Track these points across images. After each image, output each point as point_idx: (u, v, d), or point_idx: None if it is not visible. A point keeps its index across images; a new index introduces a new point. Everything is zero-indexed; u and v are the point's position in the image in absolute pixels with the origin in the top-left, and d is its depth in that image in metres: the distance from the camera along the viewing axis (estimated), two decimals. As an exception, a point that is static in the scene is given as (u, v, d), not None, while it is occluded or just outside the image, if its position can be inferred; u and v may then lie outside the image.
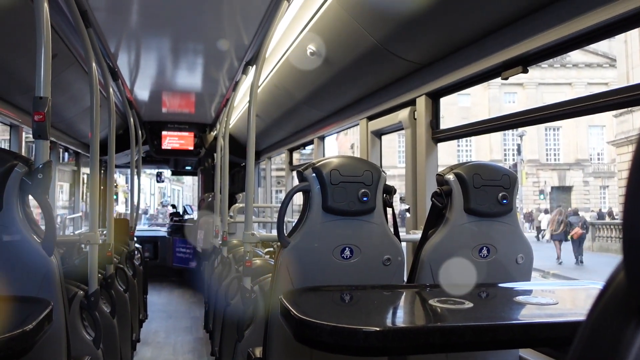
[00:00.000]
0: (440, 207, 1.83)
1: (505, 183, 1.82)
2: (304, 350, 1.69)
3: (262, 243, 4.18)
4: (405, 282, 1.91)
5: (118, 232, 3.71)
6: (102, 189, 6.47)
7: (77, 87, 3.79)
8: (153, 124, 6.91)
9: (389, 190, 1.85)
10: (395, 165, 25.02)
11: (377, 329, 1.11)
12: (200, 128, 7.04)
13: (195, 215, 8.99)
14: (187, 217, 9.52)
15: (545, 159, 33.15)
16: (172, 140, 7.03)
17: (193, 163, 9.30)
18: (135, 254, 4.86)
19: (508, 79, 2.09)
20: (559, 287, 2.31)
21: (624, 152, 22.42)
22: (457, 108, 29.04)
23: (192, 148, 7.08)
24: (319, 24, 2.65)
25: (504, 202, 1.80)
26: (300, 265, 1.74)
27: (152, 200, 32.39)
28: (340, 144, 29.24)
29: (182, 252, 8.41)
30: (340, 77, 3.05)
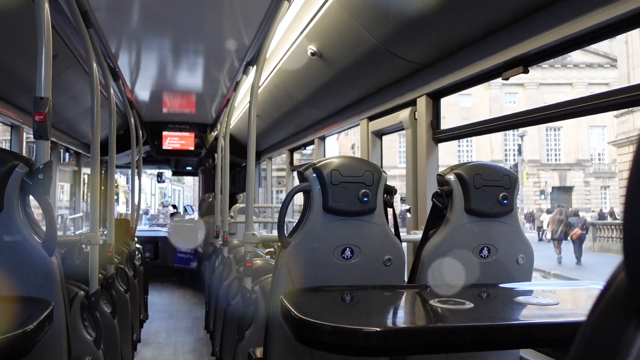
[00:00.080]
0: (441, 207, 1.83)
1: (506, 183, 1.82)
2: (305, 351, 1.69)
3: (262, 243, 4.18)
4: (406, 282, 1.91)
5: (119, 232, 3.71)
6: (102, 189, 6.48)
7: (77, 87, 3.79)
8: (154, 124, 6.91)
9: (390, 191, 1.85)
10: (396, 166, 25.02)
11: (377, 329, 1.12)
12: (201, 128, 7.04)
13: (196, 216, 9.00)
14: (187, 217, 9.53)
15: (546, 159, 33.15)
16: (172, 141, 7.03)
17: (194, 163, 9.31)
18: (136, 254, 4.86)
19: (509, 79, 2.09)
20: (560, 287, 2.30)
21: (625, 152, 22.42)
22: (457, 108, 29.05)
23: (192, 148, 7.08)
24: (320, 24, 2.65)
25: (505, 202, 1.80)
26: (301, 266, 1.74)
27: (152, 201, 32.40)
28: (341, 144, 29.23)
29: (182, 252, 8.42)
30: (341, 77, 3.05)
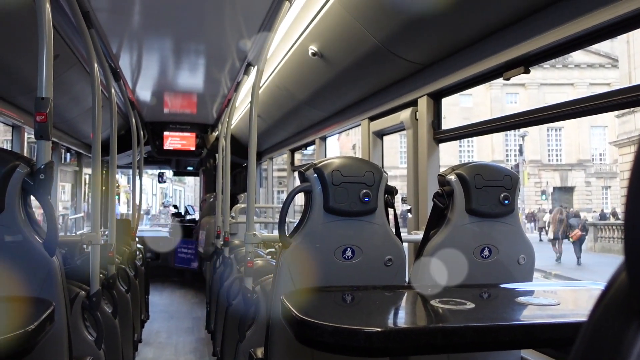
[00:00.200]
0: (442, 207, 1.83)
1: (507, 183, 1.82)
2: (306, 351, 1.69)
3: (263, 243, 4.17)
4: (407, 282, 1.91)
5: (120, 232, 3.71)
6: (103, 190, 6.48)
7: (79, 87, 3.79)
8: (155, 125, 6.91)
9: (391, 191, 1.85)
10: (397, 166, 25.05)
11: (378, 330, 1.11)
12: (202, 128, 7.04)
13: (197, 216, 9.00)
14: (188, 217, 9.54)
15: (547, 160, 33.13)
16: (173, 141, 7.03)
17: (195, 163, 9.31)
18: (137, 255, 4.87)
19: (510, 80, 2.09)
20: (561, 287, 2.30)
21: (626, 152, 22.40)
22: (458, 108, 29.04)
23: (193, 148, 7.08)
24: (321, 25, 2.65)
25: (506, 202, 1.80)
26: (302, 266, 1.74)
27: (154, 201, 32.42)
28: (342, 145, 29.24)
29: (183, 252, 8.42)
30: (342, 77, 3.05)
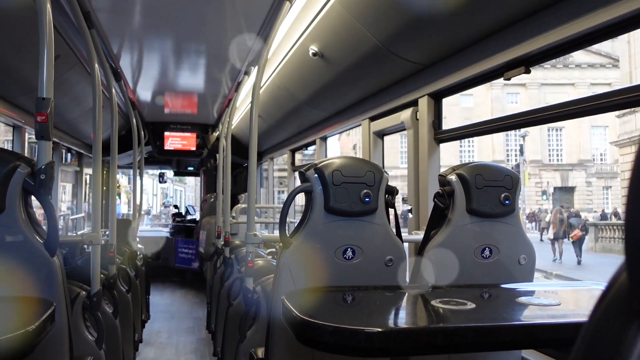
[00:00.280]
0: (443, 207, 1.83)
1: (508, 184, 1.82)
2: (306, 351, 1.69)
3: (264, 244, 4.18)
4: (408, 283, 1.91)
5: (120, 232, 3.72)
6: (104, 190, 6.48)
7: (79, 87, 3.80)
8: (155, 125, 6.91)
9: (391, 191, 1.85)
10: (398, 166, 25.05)
11: (379, 330, 1.11)
12: (203, 129, 7.04)
13: (198, 216, 9.00)
14: (189, 217, 9.54)
15: (548, 160, 33.11)
16: (174, 141, 7.03)
17: (195, 164, 9.31)
18: (138, 255, 4.87)
19: (510, 80, 2.09)
20: (562, 287, 2.30)
21: (627, 152, 22.39)
22: (459, 108, 29.03)
23: (194, 149, 7.08)
24: (321, 25, 2.65)
25: (507, 202, 1.80)
26: (303, 266, 1.74)
27: (154, 201, 32.43)
28: (343, 145, 29.23)
29: (184, 252, 8.42)
30: (343, 77, 3.05)
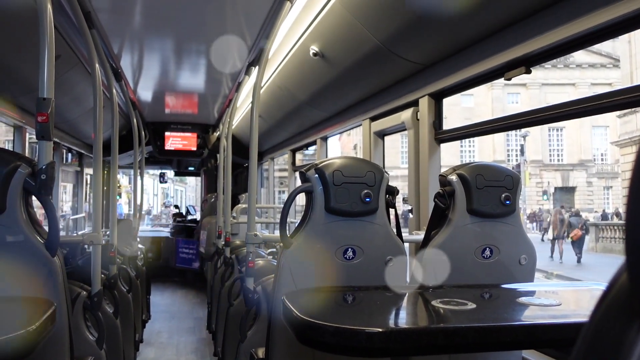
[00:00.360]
0: (443, 207, 1.83)
1: (508, 184, 1.81)
2: (307, 351, 1.69)
3: (264, 244, 4.17)
4: (408, 283, 1.91)
5: (121, 232, 3.72)
6: (105, 190, 6.48)
7: (80, 88, 3.80)
8: (156, 125, 6.91)
9: (392, 191, 1.85)
10: (398, 166, 25.05)
11: (379, 330, 1.11)
12: (203, 129, 7.04)
13: (198, 216, 9.01)
14: (189, 217, 9.54)
15: (549, 160, 33.09)
16: (175, 141, 7.03)
17: (196, 164, 9.31)
18: (139, 255, 4.87)
19: (511, 80, 2.09)
20: (562, 288, 2.30)
21: (628, 152, 22.39)
22: (460, 108, 29.01)
23: (195, 149, 7.08)
24: (322, 25, 2.65)
25: (507, 202, 1.80)
26: (303, 266, 1.74)
27: (155, 201, 32.44)
28: (343, 145, 29.24)
29: (185, 252, 8.43)
30: (343, 77, 3.05)
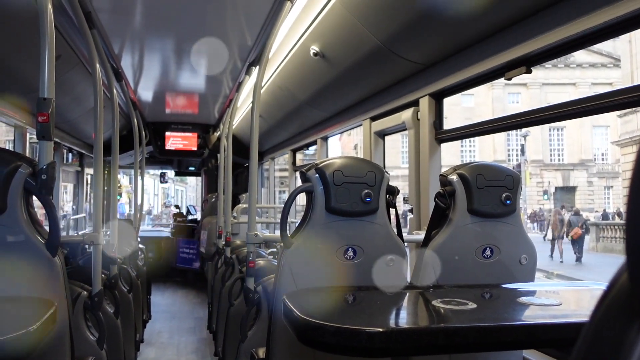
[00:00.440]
0: (444, 207, 1.83)
1: (509, 183, 1.81)
2: (307, 351, 1.69)
3: (265, 244, 4.18)
4: (409, 283, 1.91)
5: (122, 232, 3.72)
6: (105, 190, 6.48)
7: (81, 88, 3.80)
8: (157, 125, 6.92)
9: (392, 191, 1.85)
10: (399, 166, 25.05)
11: (380, 330, 1.11)
12: (204, 129, 7.04)
13: (199, 216, 9.01)
14: (190, 217, 9.54)
15: (549, 159, 33.08)
16: (175, 141, 7.03)
17: (196, 164, 9.32)
18: (139, 255, 4.87)
19: (512, 80, 2.09)
20: (563, 288, 2.30)
21: (628, 152, 22.38)
22: (460, 108, 29.01)
23: (195, 149, 7.08)
24: (322, 25, 2.65)
25: (508, 202, 1.80)
26: (304, 266, 1.74)
27: (155, 201, 32.44)
28: (344, 145, 29.23)
29: (185, 252, 8.43)
30: (344, 77, 3.05)
